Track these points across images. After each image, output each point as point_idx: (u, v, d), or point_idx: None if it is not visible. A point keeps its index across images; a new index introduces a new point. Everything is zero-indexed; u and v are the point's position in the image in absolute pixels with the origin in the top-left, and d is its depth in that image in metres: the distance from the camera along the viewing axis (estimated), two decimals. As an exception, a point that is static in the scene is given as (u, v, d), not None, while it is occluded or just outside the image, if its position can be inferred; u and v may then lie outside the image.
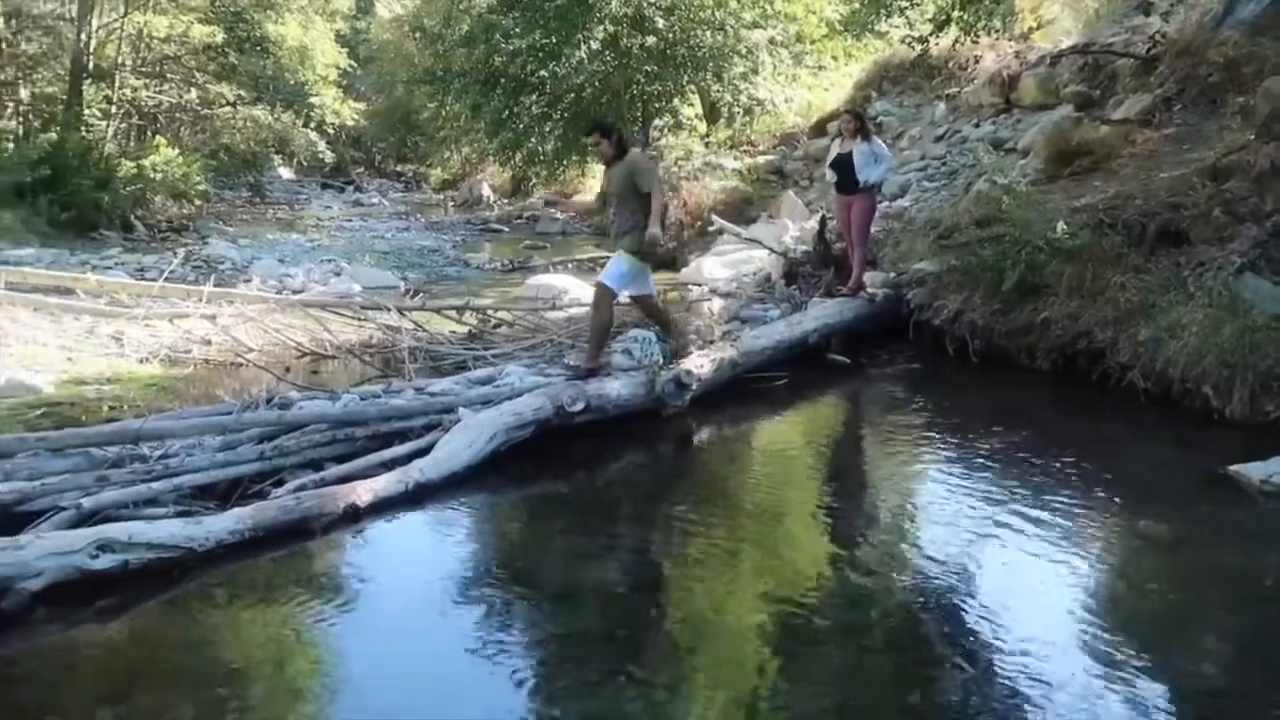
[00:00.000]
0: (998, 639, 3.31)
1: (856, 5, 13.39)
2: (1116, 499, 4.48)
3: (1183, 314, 5.84)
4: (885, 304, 7.88)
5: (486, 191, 25.64)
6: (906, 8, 10.97)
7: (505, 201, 24.72)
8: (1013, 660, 3.17)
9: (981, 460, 5.07)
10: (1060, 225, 6.74)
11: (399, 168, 39.04)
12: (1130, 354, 5.94)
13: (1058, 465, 4.92)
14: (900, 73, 15.02)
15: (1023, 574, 3.82)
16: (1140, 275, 6.35)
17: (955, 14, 10.07)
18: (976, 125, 12.21)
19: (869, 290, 8.00)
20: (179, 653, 3.40)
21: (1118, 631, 3.32)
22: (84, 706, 3.13)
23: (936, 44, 11.23)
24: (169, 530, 3.87)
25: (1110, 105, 10.30)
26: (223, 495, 4.51)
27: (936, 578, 3.78)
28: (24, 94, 18.29)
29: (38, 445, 4.40)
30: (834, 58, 17.37)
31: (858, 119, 8.29)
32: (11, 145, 15.90)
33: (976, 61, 12.93)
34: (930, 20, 10.67)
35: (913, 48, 11.33)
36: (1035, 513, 4.32)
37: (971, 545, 4.06)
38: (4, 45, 17.66)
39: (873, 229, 8.69)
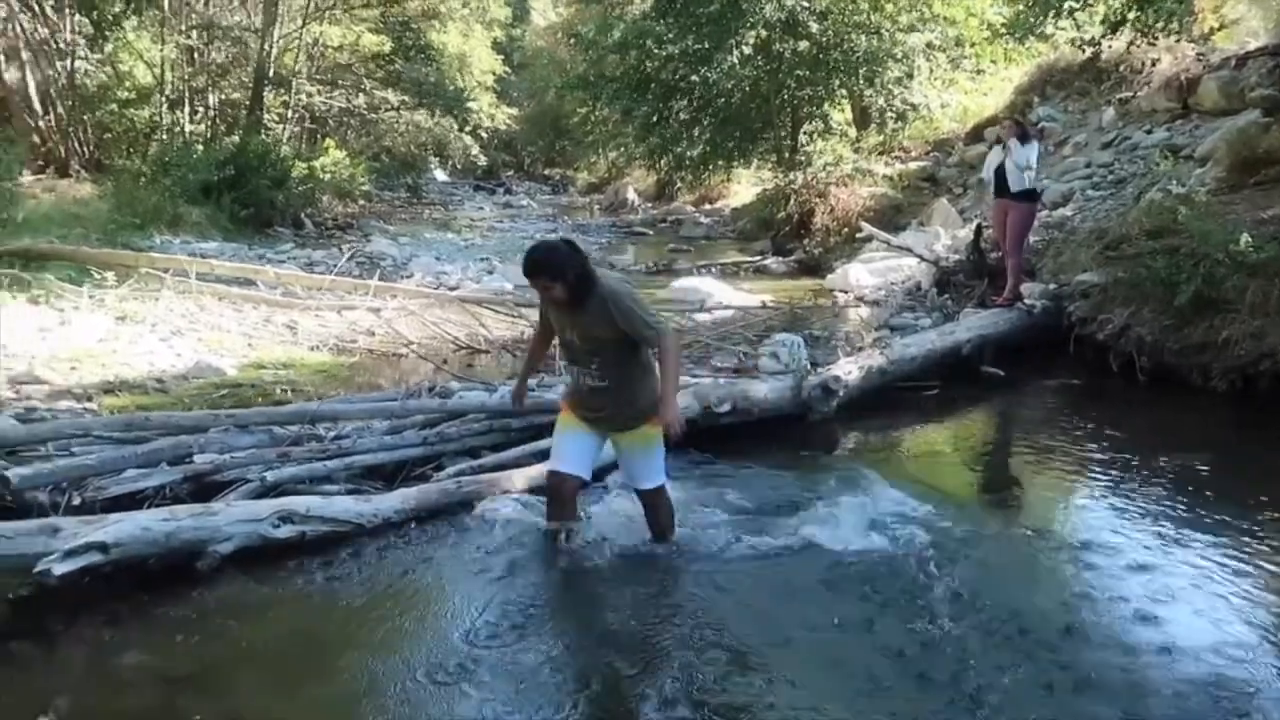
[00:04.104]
0: (1163, 676, 3.14)
1: (1021, 7, 12.87)
2: (1303, 532, 4.17)
3: (1384, 336, 5.39)
4: (1044, 316, 7.58)
5: (631, 195, 26.02)
6: (1077, 9, 10.47)
7: (650, 205, 25.02)
8: (1181, 694, 3.01)
9: (1150, 484, 4.81)
10: (1244, 237, 6.32)
11: (547, 171, 40.21)
12: (1322, 377, 5.52)
13: (1236, 493, 4.61)
14: (1065, 77, 14.39)
15: (1196, 606, 3.60)
16: (1336, 293, 5.90)
17: (1131, 15, 9.56)
18: (1149, 131, 11.56)
19: (1026, 301, 7.71)
20: (347, 618, 3.62)
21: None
22: (265, 659, 3.39)
23: (1109, 46, 10.69)
24: (343, 506, 4.14)
25: (1304, 111, 9.57)
26: (388, 476, 4.79)
27: (1101, 605, 3.61)
28: (212, 100, 19.73)
29: (228, 421, 4.77)
30: (993, 61, 16.79)
31: (1018, 125, 8.11)
32: (201, 147, 17.23)
33: (1153, 64, 12.24)
34: (1103, 22, 10.16)
35: (1083, 50, 10.83)
36: (1210, 544, 4.07)
37: (1138, 575, 3.86)
38: (196, 55, 19.12)
39: (1031, 238, 8.41)
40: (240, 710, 3.08)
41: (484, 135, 28.86)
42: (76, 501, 4.11)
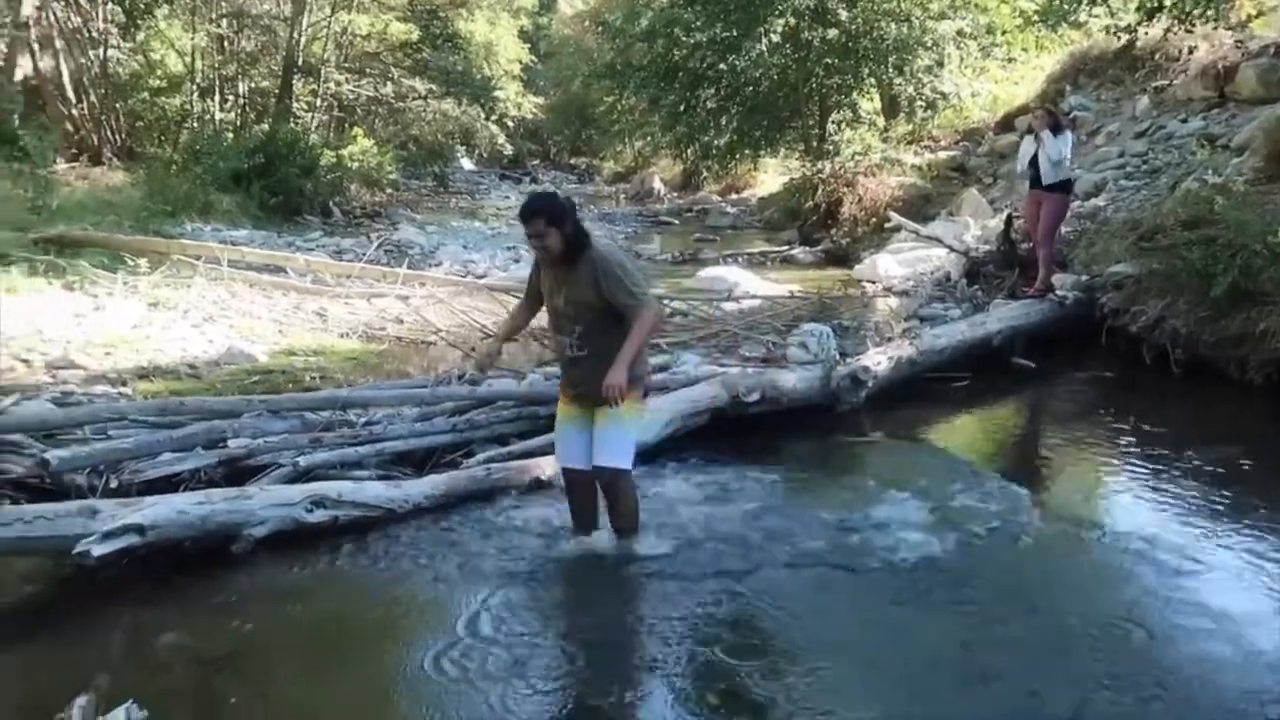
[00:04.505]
0: (1227, 680, 3.09)
1: (1054, -6, 12.72)
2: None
3: None
4: (1076, 308, 7.49)
5: (657, 184, 25.96)
6: (1112, -5, 10.34)
7: (675, 195, 24.96)
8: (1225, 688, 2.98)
9: (1190, 479, 4.74)
10: (1283, 228, 6.23)
11: (573, 160, 40.19)
12: (1362, 371, 5.42)
13: (1275, 486, 4.55)
14: (1098, 65, 14.16)
15: (1250, 604, 3.54)
16: (1377, 285, 5.79)
17: (1168, 1, 9.39)
18: (1184, 120, 11.36)
19: (1058, 292, 7.63)
20: (376, 604, 3.66)
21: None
22: (297, 643, 3.46)
23: (1145, 34, 10.51)
24: (374, 491, 4.18)
25: (1345, 99, 9.38)
26: (418, 463, 4.82)
27: (1158, 604, 3.57)
28: (242, 88, 19.86)
29: (261, 407, 4.82)
30: (1025, 49, 16.59)
31: (1050, 115, 8.02)
32: (231, 136, 17.36)
33: (1189, 52, 12.02)
34: (1138, 8, 9.99)
35: (1117, 38, 10.66)
36: (1261, 540, 4.01)
37: (1188, 573, 3.80)
38: (227, 43, 19.24)
39: (1063, 229, 8.32)
40: (273, 693, 3.13)
41: (510, 124, 28.85)
42: (113, 484, 4.17)
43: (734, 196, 22.05)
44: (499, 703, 2.96)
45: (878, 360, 6.10)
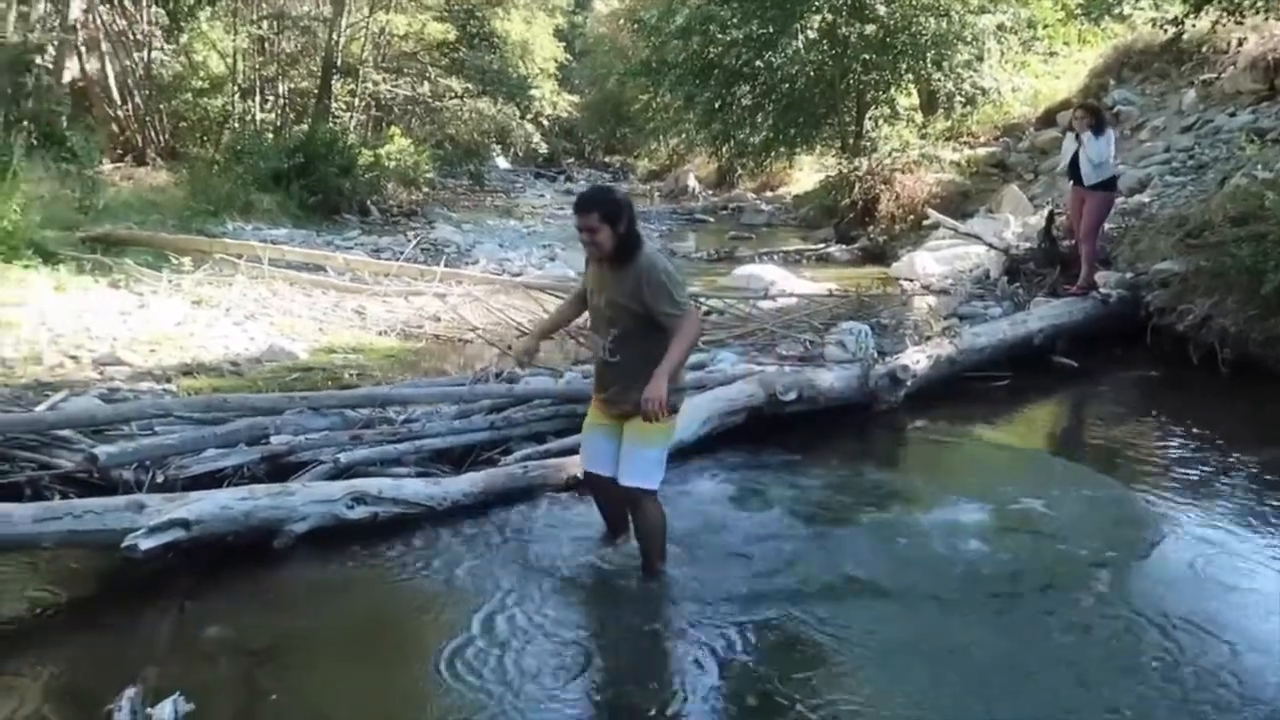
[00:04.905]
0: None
1: (1098, -14, 12.51)
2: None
3: None
4: (1120, 305, 7.37)
5: (692, 182, 25.90)
6: (1158, -12, 10.14)
7: (710, 192, 24.89)
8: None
9: (1240, 480, 4.67)
10: (1336, 225, 6.08)
11: (607, 158, 40.25)
12: None
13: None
14: (1143, 58, 13.92)
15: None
16: None
17: (1219, -8, 9.19)
18: (1232, 114, 11.13)
19: (1101, 290, 7.51)
20: (413, 602, 3.69)
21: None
22: (336, 638, 3.48)
23: (1193, 26, 10.30)
24: (414, 488, 4.21)
25: (1401, 92, 9.13)
26: (456, 460, 4.84)
27: (1203, 605, 3.50)
28: (282, 89, 20.10)
29: (302, 404, 4.87)
30: (1066, 43, 16.34)
31: (1092, 114, 7.87)
32: (271, 136, 17.58)
33: (1239, 44, 11.76)
34: (1185, 0, 9.78)
35: (1163, 31, 10.45)
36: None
37: (1239, 576, 3.74)
38: (267, 45, 19.48)
39: (1107, 225, 8.18)
40: (312, 688, 3.18)
41: (545, 123, 28.90)
42: (159, 479, 4.22)
43: (769, 194, 21.95)
44: (531, 704, 2.97)
45: (917, 359, 6.05)
